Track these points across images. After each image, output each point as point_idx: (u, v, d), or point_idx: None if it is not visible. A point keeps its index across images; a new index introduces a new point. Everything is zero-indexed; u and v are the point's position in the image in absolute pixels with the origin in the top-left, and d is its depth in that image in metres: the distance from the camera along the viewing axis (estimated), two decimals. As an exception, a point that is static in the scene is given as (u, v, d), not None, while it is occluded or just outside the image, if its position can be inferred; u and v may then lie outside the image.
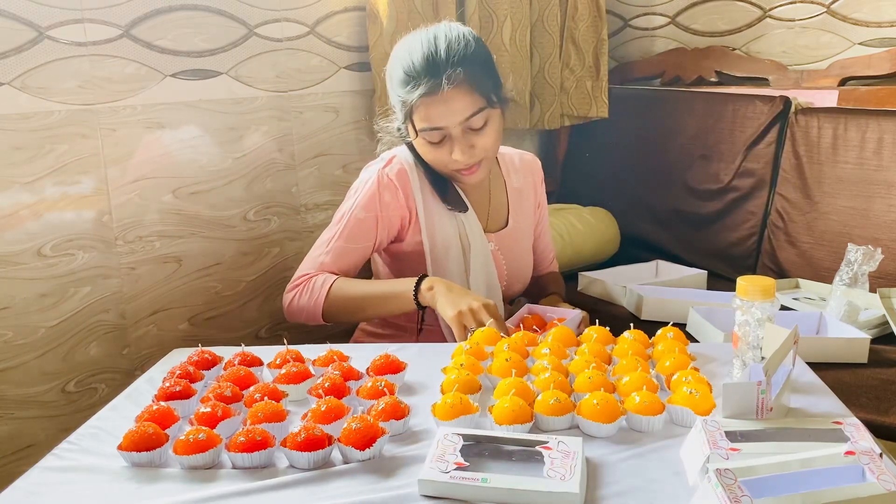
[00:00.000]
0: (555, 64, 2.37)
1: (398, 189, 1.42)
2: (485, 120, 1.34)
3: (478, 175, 1.39)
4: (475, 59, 1.32)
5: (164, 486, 0.88)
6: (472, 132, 1.34)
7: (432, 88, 1.28)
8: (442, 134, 1.33)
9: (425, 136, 1.35)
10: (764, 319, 1.03)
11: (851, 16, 2.14)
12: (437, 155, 1.37)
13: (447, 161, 1.36)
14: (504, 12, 2.20)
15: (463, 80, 1.29)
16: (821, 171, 1.98)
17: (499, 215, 1.54)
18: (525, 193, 1.58)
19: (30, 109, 1.45)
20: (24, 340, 1.49)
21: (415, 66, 1.31)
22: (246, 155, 1.81)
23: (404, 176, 1.43)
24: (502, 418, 0.95)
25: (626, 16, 2.65)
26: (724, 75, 2.39)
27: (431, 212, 1.44)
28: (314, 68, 1.91)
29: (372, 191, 1.42)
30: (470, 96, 1.31)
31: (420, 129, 1.34)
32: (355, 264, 1.45)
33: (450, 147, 1.34)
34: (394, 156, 1.46)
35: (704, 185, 2.23)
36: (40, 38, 1.45)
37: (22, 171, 1.45)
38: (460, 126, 1.32)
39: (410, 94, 1.31)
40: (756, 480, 0.77)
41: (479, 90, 1.31)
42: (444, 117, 1.31)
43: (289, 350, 1.18)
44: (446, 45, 1.30)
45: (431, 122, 1.32)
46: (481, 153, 1.36)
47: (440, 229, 1.44)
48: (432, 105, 1.30)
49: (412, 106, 1.32)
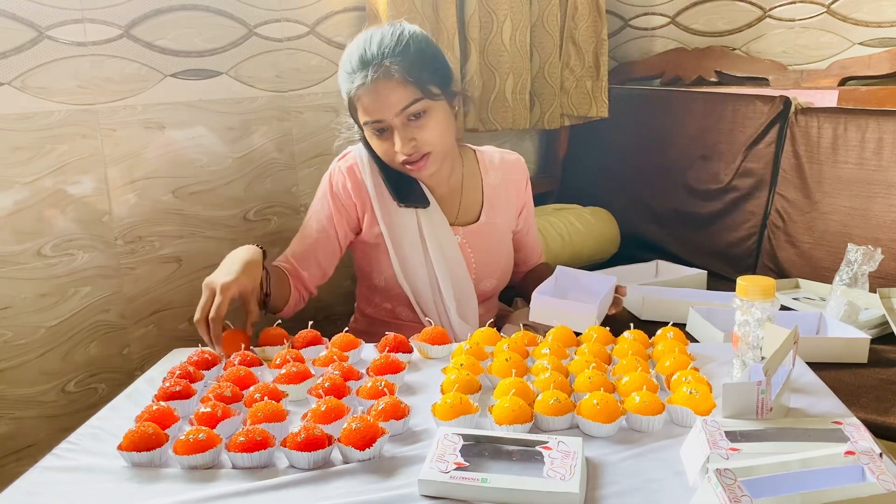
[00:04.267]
0: (555, 64, 2.37)
1: (347, 180, 1.48)
2: (422, 110, 1.36)
3: (426, 169, 1.41)
4: (406, 52, 1.34)
5: (164, 486, 0.88)
6: (412, 124, 1.37)
7: (363, 80, 1.33)
8: (382, 126, 1.37)
9: (368, 129, 1.40)
10: (764, 319, 1.03)
11: (851, 16, 2.14)
12: (384, 148, 1.40)
13: (392, 154, 1.40)
14: (504, 12, 2.20)
15: (394, 73, 1.33)
16: (821, 171, 1.98)
17: (471, 210, 1.56)
18: (503, 192, 1.59)
19: (30, 109, 1.45)
20: (24, 340, 1.49)
21: (351, 62, 1.37)
22: (246, 155, 1.81)
23: (353, 171, 1.48)
24: (502, 418, 0.95)
25: (626, 16, 2.65)
26: (724, 75, 2.39)
27: (386, 204, 1.48)
28: (314, 68, 1.92)
29: (325, 184, 1.50)
30: (403, 88, 1.34)
31: (362, 122, 1.39)
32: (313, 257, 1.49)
33: (392, 138, 1.38)
34: (349, 151, 1.52)
35: (704, 185, 2.23)
36: (40, 38, 1.45)
37: (22, 171, 1.45)
38: (398, 118, 1.35)
39: (349, 87, 1.37)
40: (756, 480, 0.77)
41: (414, 82, 1.34)
42: (379, 110, 1.35)
43: (289, 350, 1.18)
44: (379, 40, 1.35)
45: (369, 115, 1.37)
46: (425, 146, 1.38)
47: (396, 222, 1.48)
48: (366, 97, 1.35)
49: (352, 100, 1.38)
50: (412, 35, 1.38)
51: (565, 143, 2.62)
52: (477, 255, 1.55)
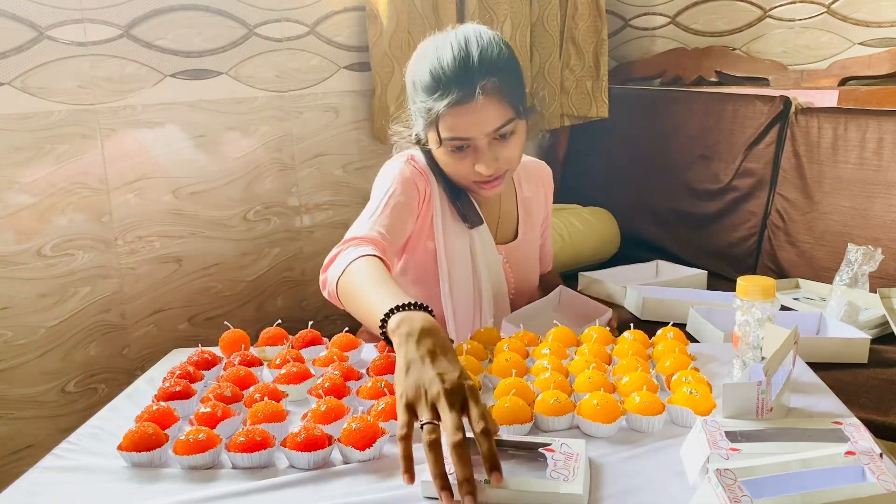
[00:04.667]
0: (555, 64, 2.37)
1: (427, 180, 1.34)
2: (512, 131, 1.25)
3: (498, 188, 1.31)
4: (506, 67, 1.23)
5: (164, 486, 0.88)
6: (497, 143, 1.26)
7: (464, 98, 1.19)
8: (466, 144, 1.25)
9: (449, 146, 1.26)
10: (764, 319, 1.03)
11: (851, 16, 2.14)
12: (458, 166, 1.28)
13: (468, 172, 1.28)
14: (504, 12, 2.20)
15: (495, 90, 1.20)
16: (821, 171, 1.98)
17: (508, 227, 1.48)
18: (534, 203, 1.52)
19: (30, 109, 1.45)
20: (24, 340, 1.49)
21: (445, 72, 1.21)
22: (246, 155, 1.81)
23: (425, 175, 1.35)
24: (502, 418, 0.95)
25: (626, 16, 2.65)
26: (724, 75, 2.39)
27: (446, 221, 1.37)
28: (314, 68, 1.92)
29: (407, 176, 1.32)
30: (501, 107, 1.22)
31: (445, 138, 1.25)
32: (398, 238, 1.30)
33: (473, 158, 1.26)
34: (411, 155, 1.37)
35: (704, 185, 2.23)
36: (40, 38, 1.45)
37: (22, 171, 1.46)
38: (487, 137, 1.24)
39: (438, 101, 1.21)
40: (756, 480, 0.77)
41: (510, 100, 1.23)
42: (472, 128, 1.22)
43: (289, 350, 1.18)
44: (479, 50, 1.21)
45: (458, 133, 1.23)
46: (505, 165, 1.28)
47: (451, 240, 1.38)
48: (462, 115, 1.21)
49: (438, 114, 1.23)
50: (507, 46, 1.25)
51: (565, 143, 2.62)
52: (516, 274, 1.48)
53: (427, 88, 1.24)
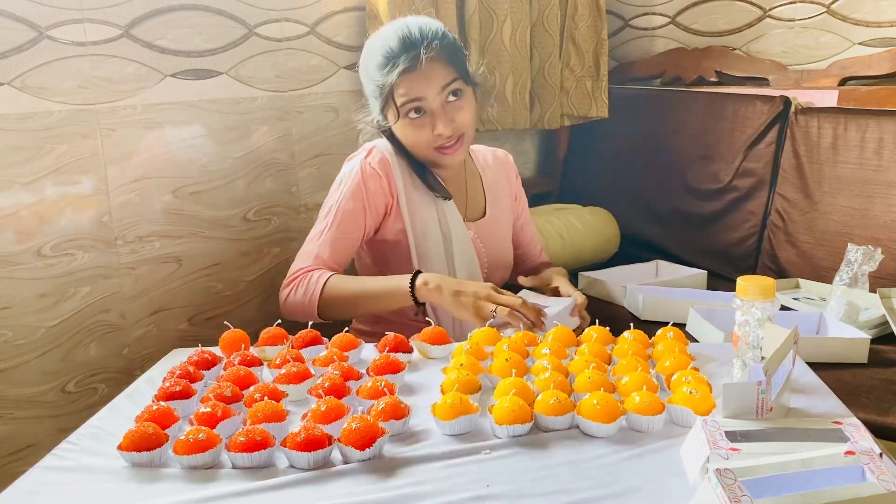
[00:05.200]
0: (555, 64, 2.37)
1: (381, 177, 1.46)
2: (460, 89, 1.41)
3: (459, 154, 1.44)
4: (446, 39, 1.41)
5: (164, 486, 0.88)
6: (451, 106, 1.41)
7: (411, 62, 1.36)
8: (423, 106, 1.40)
9: (406, 111, 1.40)
10: (764, 319, 1.03)
11: (851, 16, 2.14)
12: (418, 135, 1.42)
13: (428, 139, 1.42)
14: (504, 12, 2.20)
15: (439, 53, 1.38)
16: (821, 171, 1.98)
17: (476, 205, 1.59)
18: (500, 188, 1.64)
19: (30, 109, 1.45)
20: (24, 340, 1.49)
21: (392, 49, 1.38)
22: (246, 155, 1.81)
23: (386, 164, 1.48)
24: (502, 418, 0.95)
25: (626, 16, 2.65)
26: (724, 75, 2.39)
27: (412, 199, 1.48)
28: (314, 68, 1.92)
29: (357, 181, 1.46)
30: (445, 68, 1.39)
31: (401, 104, 1.40)
32: (348, 256, 1.49)
33: (431, 123, 1.40)
34: (373, 146, 1.50)
35: (704, 185, 2.23)
36: (40, 38, 1.45)
37: (22, 171, 1.45)
38: (439, 98, 1.39)
39: (390, 74, 1.38)
40: (756, 480, 0.77)
41: (453, 63, 1.40)
42: (423, 87, 1.38)
43: (289, 350, 1.18)
44: (418, 26, 1.40)
45: (411, 94, 1.39)
46: (461, 128, 1.42)
47: (420, 216, 1.48)
48: (411, 78, 1.38)
49: (392, 86, 1.39)
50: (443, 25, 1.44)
51: (565, 143, 2.62)
52: (487, 250, 1.57)
53: (379, 67, 1.40)
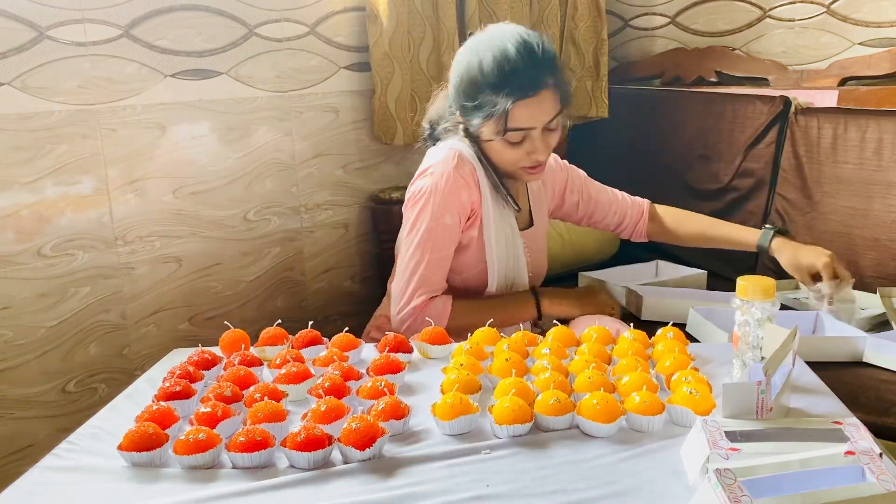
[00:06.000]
0: (555, 64, 2.37)
1: (471, 187, 1.41)
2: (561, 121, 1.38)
3: (542, 174, 1.43)
4: (558, 60, 1.36)
5: (164, 486, 0.88)
6: (548, 132, 1.37)
7: (533, 89, 1.30)
8: (524, 134, 1.35)
9: (513, 136, 1.35)
10: (764, 319, 1.03)
11: (851, 16, 2.14)
12: (513, 155, 1.37)
13: (520, 159, 1.38)
14: (504, 12, 2.20)
15: (555, 82, 1.33)
16: (821, 171, 1.98)
17: (524, 215, 1.56)
18: (542, 196, 1.60)
19: (30, 109, 1.45)
20: (24, 340, 1.49)
21: (515, 67, 1.31)
22: (246, 155, 1.81)
23: (474, 174, 1.41)
24: (502, 418, 0.95)
25: (626, 16, 2.65)
26: (724, 75, 2.39)
27: (490, 208, 1.44)
28: (314, 68, 1.92)
29: (452, 193, 1.39)
30: (556, 98, 1.34)
31: (510, 129, 1.33)
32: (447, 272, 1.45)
33: (528, 147, 1.36)
34: (457, 152, 1.41)
35: (704, 185, 2.23)
36: (40, 38, 1.45)
37: (22, 171, 1.46)
38: (543, 126, 1.35)
39: (508, 96, 1.30)
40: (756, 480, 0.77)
41: (561, 90, 1.35)
42: (536, 119, 1.33)
43: (289, 350, 1.18)
44: (540, 44, 1.33)
45: (523, 124, 1.33)
46: (551, 151, 1.41)
47: (496, 225, 1.46)
48: (529, 106, 1.32)
49: (506, 108, 1.31)
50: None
51: (565, 143, 2.62)
52: (532, 259, 1.55)
53: (493, 85, 1.32)
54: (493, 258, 1.45)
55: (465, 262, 1.46)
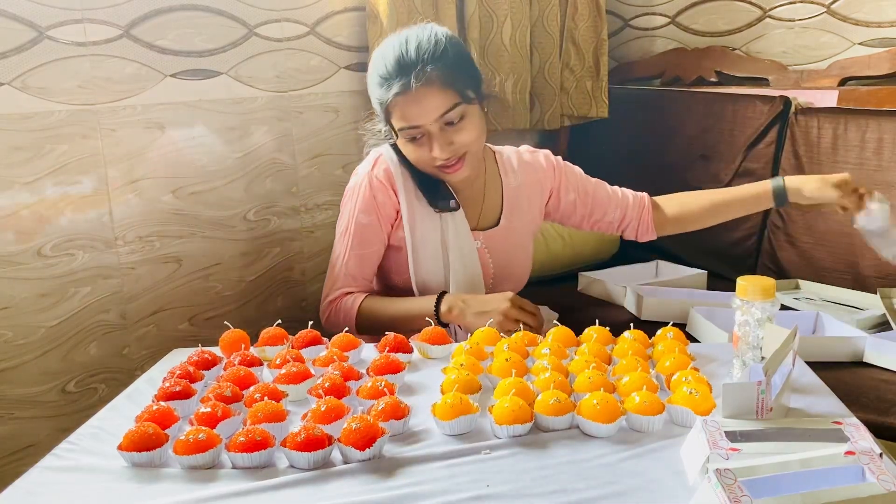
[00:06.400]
0: (555, 64, 2.37)
1: (387, 188, 1.45)
2: (461, 115, 1.36)
3: (462, 171, 1.40)
4: (445, 57, 1.34)
5: (164, 486, 0.88)
6: (450, 128, 1.36)
7: (403, 87, 1.31)
8: (420, 132, 1.36)
9: (404, 135, 1.38)
10: (764, 319, 1.03)
11: (851, 16, 2.14)
12: (419, 153, 1.39)
13: (429, 159, 1.38)
14: (504, 12, 2.20)
15: (434, 78, 1.32)
16: (821, 171, 1.98)
17: (491, 214, 1.55)
18: (524, 195, 1.57)
19: (30, 109, 1.45)
20: (24, 340, 1.49)
21: (387, 67, 1.34)
22: (246, 155, 1.81)
23: (390, 175, 1.46)
24: (502, 418, 0.95)
25: (626, 16, 2.65)
26: (724, 75, 2.39)
27: (415, 210, 1.47)
28: (314, 68, 1.92)
29: (367, 194, 1.45)
30: (442, 93, 1.33)
31: (398, 128, 1.37)
32: (373, 268, 1.51)
33: (429, 144, 1.37)
34: (379, 155, 1.48)
35: (704, 185, 2.22)
36: (40, 38, 1.45)
37: (22, 171, 1.45)
38: (437, 123, 1.34)
39: (385, 94, 1.34)
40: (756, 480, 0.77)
41: (453, 87, 1.34)
42: (418, 116, 1.34)
43: (289, 350, 1.18)
44: (416, 44, 1.33)
45: (407, 121, 1.35)
46: (461, 148, 1.38)
47: (421, 226, 1.47)
48: (406, 104, 1.34)
49: (388, 106, 1.36)
50: (448, 38, 1.37)
51: (565, 143, 2.62)
52: (495, 261, 1.53)
53: (377, 85, 1.37)
54: (419, 260, 1.47)
55: (402, 263, 1.49)
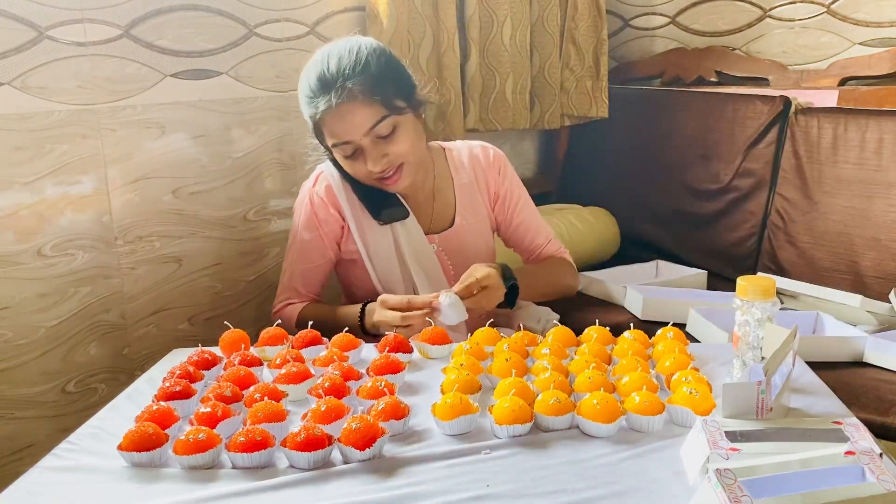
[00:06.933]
0: (555, 64, 2.37)
1: (328, 205, 1.46)
2: (391, 126, 1.34)
3: (401, 182, 1.39)
4: (367, 71, 1.31)
5: (164, 486, 0.88)
6: (381, 141, 1.34)
7: (326, 105, 1.31)
8: (353, 147, 1.35)
9: (337, 151, 1.37)
10: (764, 319, 1.03)
11: (851, 16, 2.14)
12: (355, 168, 1.38)
13: (365, 172, 1.37)
14: (504, 12, 2.20)
15: (357, 93, 1.30)
16: (821, 171, 1.98)
17: (445, 215, 1.53)
18: (475, 188, 1.55)
19: (30, 109, 1.45)
20: (24, 340, 1.49)
21: (310, 85, 1.34)
22: (246, 155, 1.81)
23: (331, 191, 1.46)
24: (502, 418, 0.95)
25: (626, 16, 2.65)
26: (724, 75, 2.39)
27: (362, 223, 1.47)
28: (314, 68, 1.91)
29: (308, 211, 1.47)
30: (367, 107, 1.31)
31: (331, 144, 1.37)
32: (320, 281, 1.52)
33: (364, 158, 1.36)
34: (321, 172, 1.49)
35: (704, 185, 2.23)
36: (40, 38, 1.45)
37: (22, 171, 1.45)
38: (367, 137, 1.33)
39: (312, 111, 1.34)
40: (756, 480, 0.77)
41: (377, 99, 1.31)
42: (345, 132, 1.33)
43: (289, 350, 1.18)
44: (337, 60, 1.32)
45: (337, 137, 1.34)
46: (397, 159, 1.36)
47: (372, 239, 1.47)
48: (332, 121, 1.33)
49: (317, 124, 1.36)
50: (370, 51, 1.34)
51: (565, 143, 2.62)
52: (455, 261, 1.52)
53: (304, 103, 1.37)
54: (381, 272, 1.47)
55: (358, 275, 1.50)
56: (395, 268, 1.47)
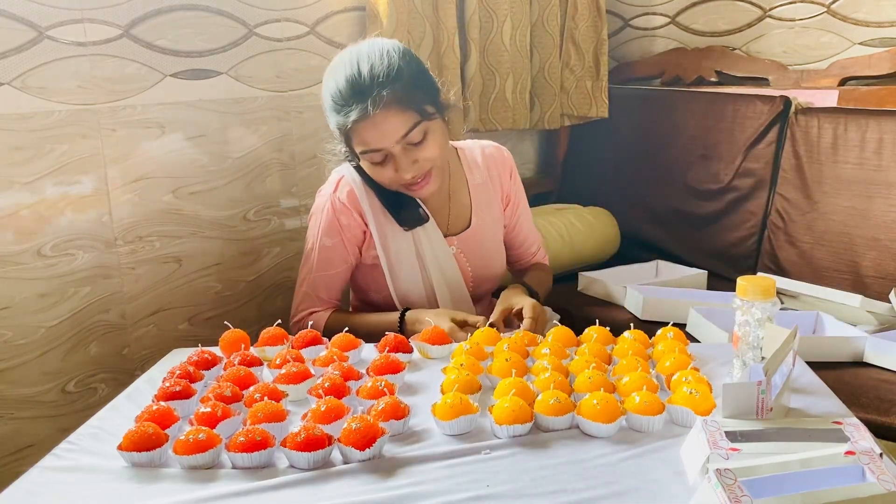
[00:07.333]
0: (555, 64, 2.37)
1: (351, 210, 1.44)
2: (423, 133, 1.32)
3: (429, 187, 1.38)
4: (400, 76, 1.29)
5: (164, 486, 0.88)
6: (412, 147, 1.33)
7: (361, 114, 1.27)
8: (382, 154, 1.33)
9: (366, 159, 1.35)
10: (764, 319, 1.03)
11: (851, 16, 2.14)
12: (383, 175, 1.36)
13: (394, 178, 1.35)
14: (504, 12, 2.20)
15: (392, 101, 1.27)
16: (821, 171, 1.98)
17: (461, 216, 1.53)
18: (488, 188, 1.55)
19: (30, 109, 1.45)
20: (24, 340, 1.49)
21: (341, 91, 1.30)
22: (246, 155, 1.81)
23: (354, 197, 1.44)
24: (502, 418, 0.95)
25: (626, 16, 2.65)
26: (724, 75, 2.39)
27: (384, 228, 1.45)
28: (314, 68, 1.91)
29: (329, 217, 1.44)
30: (401, 115, 1.29)
31: (360, 152, 1.34)
32: (339, 287, 1.50)
33: (394, 165, 1.34)
34: (342, 177, 1.46)
35: (704, 185, 2.23)
36: (40, 38, 1.45)
37: (22, 171, 1.45)
38: (399, 144, 1.31)
39: (343, 120, 1.31)
40: (756, 480, 0.77)
41: (411, 106, 1.30)
42: (378, 140, 1.30)
43: (289, 350, 1.18)
44: (369, 66, 1.28)
45: (368, 146, 1.32)
46: (427, 165, 1.35)
47: (393, 244, 1.45)
48: (365, 130, 1.30)
49: (347, 132, 1.33)
50: (400, 55, 1.32)
51: (565, 143, 2.62)
52: (472, 263, 1.52)
53: (332, 110, 1.34)
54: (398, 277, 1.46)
55: (379, 281, 1.48)
56: (415, 272, 1.46)
